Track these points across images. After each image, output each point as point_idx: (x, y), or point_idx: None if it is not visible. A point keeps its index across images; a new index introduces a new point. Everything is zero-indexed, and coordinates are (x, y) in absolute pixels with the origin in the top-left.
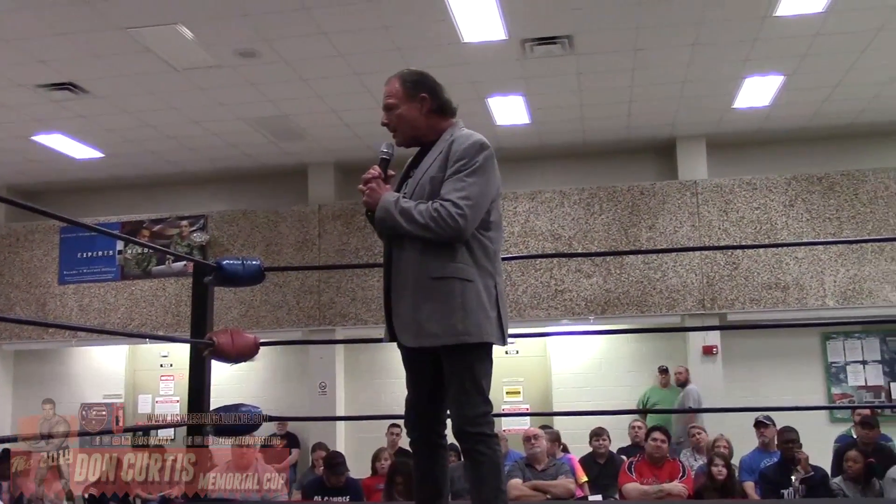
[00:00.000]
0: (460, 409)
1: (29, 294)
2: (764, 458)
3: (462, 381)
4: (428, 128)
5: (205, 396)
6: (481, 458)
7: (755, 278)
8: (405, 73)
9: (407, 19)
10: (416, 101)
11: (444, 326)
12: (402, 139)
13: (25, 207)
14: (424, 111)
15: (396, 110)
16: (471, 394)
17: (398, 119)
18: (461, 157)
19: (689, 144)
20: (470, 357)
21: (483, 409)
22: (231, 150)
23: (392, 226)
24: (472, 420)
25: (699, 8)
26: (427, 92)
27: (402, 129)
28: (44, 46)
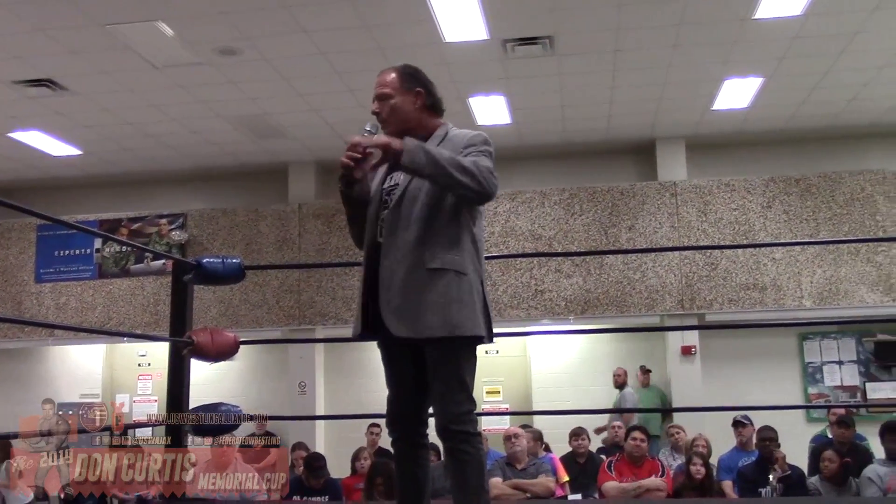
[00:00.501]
0: (444, 407)
1: (4, 292)
2: (742, 457)
3: (447, 378)
4: (418, 123)
5: (184, 395)
6: (465, 457)
7: (733, 279)
8: (401, 66)
9: (388, 18)
10: (412, 94)
11: (440, 318)
12: (392, 131)
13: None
14: (418, 105)
15: (391, 100)
16: (455, 391)
17: (391, 110)
18: (470, 143)
19: (669, 145)
20: (458, 352)
21: (467, 406)
22: (211, 149)
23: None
24: (456, 418)
25: (679, 10)
26: (422, 87)
27: (393, 121)
28: (21, 42)
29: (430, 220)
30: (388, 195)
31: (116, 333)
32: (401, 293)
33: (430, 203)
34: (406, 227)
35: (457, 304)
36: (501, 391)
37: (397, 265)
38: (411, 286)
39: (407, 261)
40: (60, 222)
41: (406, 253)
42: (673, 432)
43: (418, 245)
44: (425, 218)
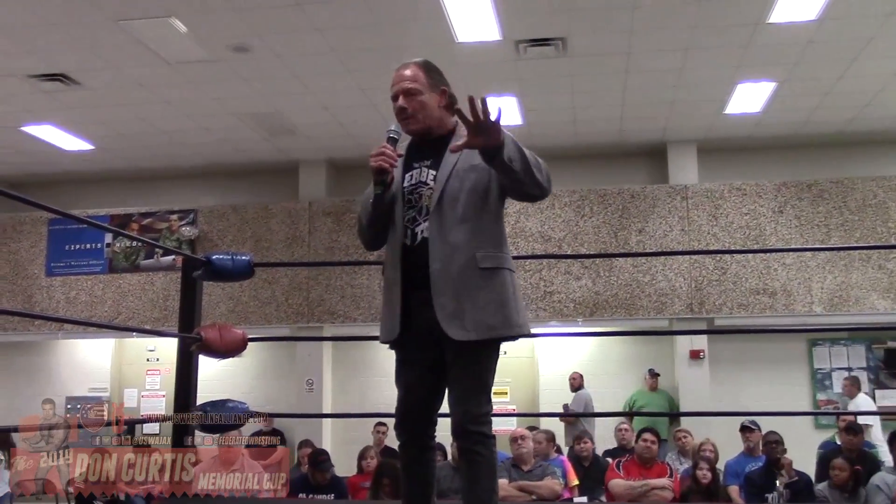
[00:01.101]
0: (465, 406)
1: (15, 286)
2: (749, 463)
3: (473, 378)
4: (439, 121)
5: (191, 392)
6: (479, 458)
7: (743, 283)
8: (422, 62)
9: (401, 18)
10: (437, 92)
11: (501, 318)
12: (417, 127)
13: (16, 198)
14: (442, 104)
15: (420, 96)
16: (478, 392)
17: (420, 105)
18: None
19: (680, 149)
20: (483, 355)
21: (486, 408)
22: (222, 145)
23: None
24: (475, 419)
25: (693, 13)
26: (446, 86)
27: (422, 117)
28: (35, 36)
29: (476, 220)
30: (411, 194)
31: (126, 329)
32: (457, 296)
33: (473, 203)
34: (452, 228)
35: (514, 301)
36: (508, 392)
37: (450, 267)
38: (467, 288)
39: (458, 262)
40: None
41: (457, 255)
42: (680, 436)
43: (468, 246)
44: (471, 218)
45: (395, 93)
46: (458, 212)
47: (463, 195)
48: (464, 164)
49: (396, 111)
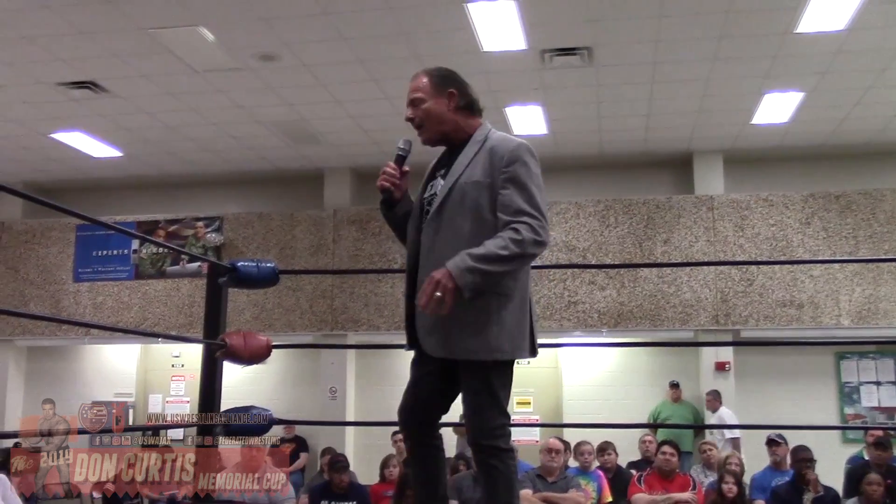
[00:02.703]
0: (475, 421)
1: (43, 291)
2: (775, 477)
3: (479, 393)
4: (455, 125)
5: (216, 397)
6: (494, 472)
7: (770, 295)
8: (432, 69)
9: (427, 27)
10: (444, 96)
11: (478, 341)
12: (429, 136)
13: (45, 204)
14: (452, 107)
15: (423, 105)
16: (487, 406)
17: (425, 114)
18: (509, 160)
19: (707, 159)
20: (491, 371)
21: (499, 421)
22: (248, 153)
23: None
24: (487, 432)
25: (720, 23)
26: (456, 88)
27: (429, 125)
28: (66, 45)
29: (471, 238)
30: (429, 204)
31: (151, 334)
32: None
33: (470, 219)
34: (444, 243)
35: (496, 326)
36: (532, 403)
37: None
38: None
39: None
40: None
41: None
42: (705, 449)
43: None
44: (465, 234)
45: (406, 104)
46: (453, 227)
47: (461, 210)
48: (468, 178)
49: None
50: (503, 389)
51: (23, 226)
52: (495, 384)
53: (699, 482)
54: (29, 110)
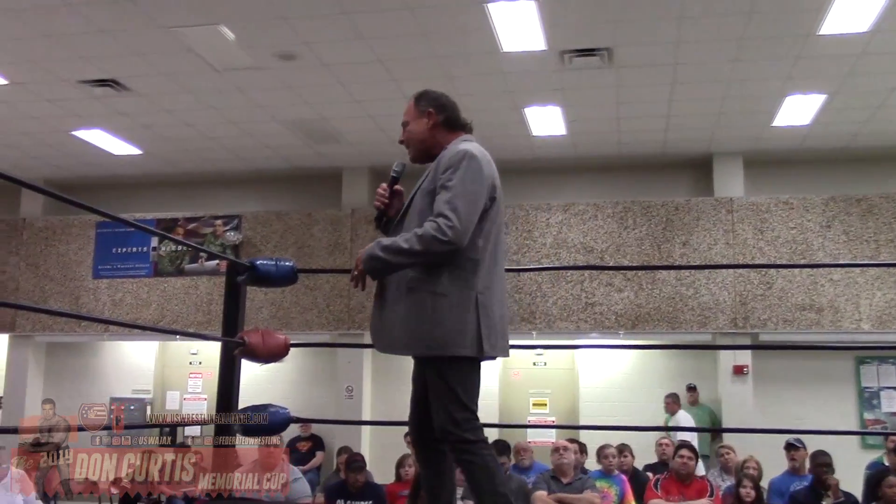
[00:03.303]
0: (439, 416)
1: (63, 287)
2: (794, 482)
3: (439, 391)
4: (434, 142)
5: (234, 395)
6: (471, 466)
7: (789, 299)
8: (418, 93)
9: (447, 27)
10: (424, 116)
11: (413, 337)
12: (413, 154)
13: (67, 201)
14: (430, 125)
15: (408, 126)
16: (447, 401)
17: (409, 135)
18: (446, 167)
19: (726, 161)
20: (443, 367)
21: (462, 414)
22: (267, 152)
23: (382, 268)
24: (452, 426)
25: (742, 24)
26: (434, 107)
27: (412, 144)
28: (87, 43)
29: None
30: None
31: (170, 331)
32: (380, 311)
33: (417, 223)
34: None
35: (430, 323)
36: (548, 403)
37: (388, 283)
38: (389, 305)
39: (394, 280)
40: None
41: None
42: (723, 452)
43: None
44: None
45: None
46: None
47: (413, 217)
48: (420, 188)
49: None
50: (461, 385)
51: (43, 222)
52: (451, 380)
53: (716, 486)
54: (51, 108)
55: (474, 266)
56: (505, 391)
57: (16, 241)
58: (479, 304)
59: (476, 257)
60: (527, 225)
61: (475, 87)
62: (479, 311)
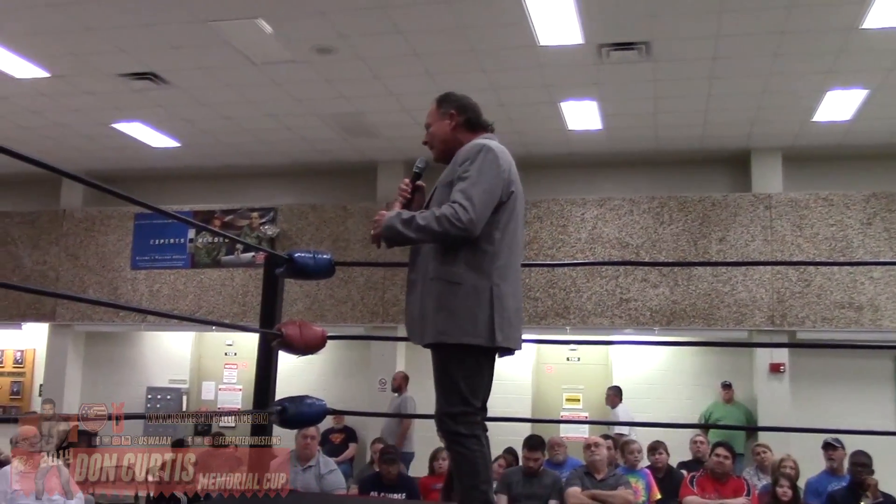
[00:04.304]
0: (438, 407)
1: (102, 277)
2: (832, 482)
3: (440, 380)
4: (456, 142)
5: (271, 386)
6: (458, 458)
7: (828, 297)
8: (442, 95)
9: (484, 21)
10: (446, 117)
11: (429, 325)
12: (436, 154)
13: (109, 192)
14: (452, 126)
15: (431, 128)
16: (447, 391)
17: (430, 136)
18: (463, 159)
19: (765, 157)
20: (447, 356)
21: (459, 408)
22: (303, 145)
23: (396, 238)
24: (449, 418)
25: (782, 18)
26: (455, 109)
27: (434, 145)
28: (128, 36)
29: None
30: None
31: (209, 322)
32: (408, 304)
33: None
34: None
35: (444, 312)
36: (581, 399)
37: (415, 275)
38: (415, 297)
39: (419, 273)
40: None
41: (420, 264)
42: (759, 451)
43: (427, 257)
44: None
45: None
46: None
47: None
48: (441, 180)
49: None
50: (465, 378)
51: (83, 214)
52: (453, 371)
53: (752, 485)
54: (91, 100)
55: (491, 257)
56: (538, 386)
57: (56, 232)
58: (494, 294)
59: (492, 249)
60: (562, 220)
61: (511, 80)
62: (494, 302)
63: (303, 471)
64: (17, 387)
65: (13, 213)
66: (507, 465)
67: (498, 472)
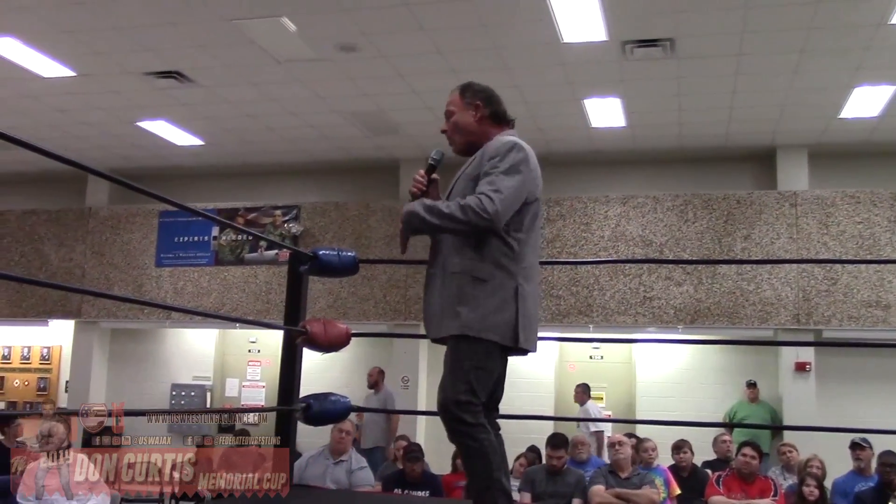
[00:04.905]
0: (442, 390)
1: (127, 275)
2: (859, 482)
3: (452, 367)
4: (481, 134)
5: (295, 383)
6: (466, 449)
7: (855, 295)
8: (464, 83)
9: (507, 18)
10: (471, 108)
11: (450, 319)
12: (458, 146)
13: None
14: (477, 118)
15: (453, 117)
16: (455, 378)
17: (453, 126)
18: (493, 155)
19: (791, 154)
20: (465, 348)
21: (465, 397)
22: (326, 143)
23: (419, 225)
24: (452, 404)
25: (809, 14)
26: (481, 100)
27: (457, 136)
28: (153, 35)
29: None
30: None
31: (235, 319)
32: (431, 295)
33: None
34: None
35: (467, 306)
36: (605, 397)
37: (435, 269)
38: (439, 289)
39: (440, 265)
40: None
41: (440, 258)
42: (785, 451)
43: (449, 252)
44: None
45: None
46: None
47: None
48: (464, 175)
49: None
50: (478, 370)
51: (108, 211)
52: (465, 361)
53: (779, 485)
54: (116, 99)
55: (517, 257)
56: (560, 384)
57: (82, 229)
58: (519, 294)
59: (518, 249)
60: (585, 217)
61: (534, 78)
62: (518, 302)
63: (334, 464)
64: (43, 383)
65: (39, 211)
66: (530, 464)
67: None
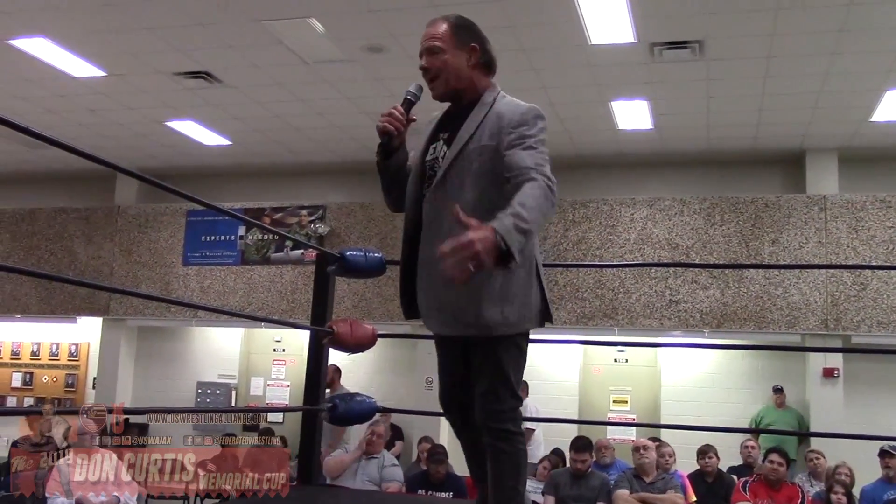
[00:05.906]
0: (485, 404)
1: (154, 273)
2: (888, 490)
3: (490, 375)
4: (470, 82)
5: (321, 383)
6: (501, 455)
7: (885, 301)
8: (453, 16)
9: (534, 19)
10: (466, 49)
11: (479, 316)
12: (442, 90)
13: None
14: (472, 63)
15: (443, 55)
16: (497, 389)
17: (443, 65)
18: (518, 123)
19: (820, 157)
20: (500, 349)
21: (509, 404)
22: (352, 143)
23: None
24: (497, 415)
25: (841, 16)
26: (478, 42)
27: (445, 78)
28: (182, 36)
29: (475, 204)
30: (431, 169)
31: (262, 319)
32: (443, 289)
33: (479, 189)
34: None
35: (501, 298)
36: (629, 401)
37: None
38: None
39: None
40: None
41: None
42: (812, 458)
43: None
44: (472, 203)
45: (420, 51)
46: (461, 197)
47: (467, 178)
48: (475, 144)
49: (421, 71)
50: (515, 370)
51: (136, 210)
52: (507, 365)
53: (807, 492)
54: (146, 99)
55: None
56: (585, 387)
57: (111, 227)
58: (539, 271)
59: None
60: (611, 220)
61: (562, 79)
62: (541, 279)
63: (367, 460)
64: (71, 379)
65: (69, 209)
66: (553, 466)
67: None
